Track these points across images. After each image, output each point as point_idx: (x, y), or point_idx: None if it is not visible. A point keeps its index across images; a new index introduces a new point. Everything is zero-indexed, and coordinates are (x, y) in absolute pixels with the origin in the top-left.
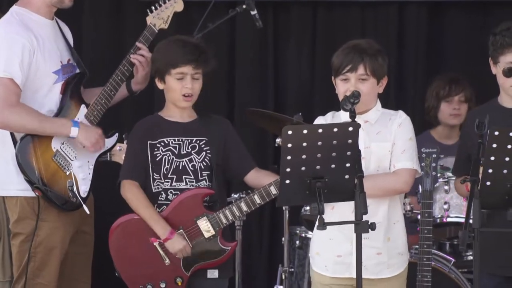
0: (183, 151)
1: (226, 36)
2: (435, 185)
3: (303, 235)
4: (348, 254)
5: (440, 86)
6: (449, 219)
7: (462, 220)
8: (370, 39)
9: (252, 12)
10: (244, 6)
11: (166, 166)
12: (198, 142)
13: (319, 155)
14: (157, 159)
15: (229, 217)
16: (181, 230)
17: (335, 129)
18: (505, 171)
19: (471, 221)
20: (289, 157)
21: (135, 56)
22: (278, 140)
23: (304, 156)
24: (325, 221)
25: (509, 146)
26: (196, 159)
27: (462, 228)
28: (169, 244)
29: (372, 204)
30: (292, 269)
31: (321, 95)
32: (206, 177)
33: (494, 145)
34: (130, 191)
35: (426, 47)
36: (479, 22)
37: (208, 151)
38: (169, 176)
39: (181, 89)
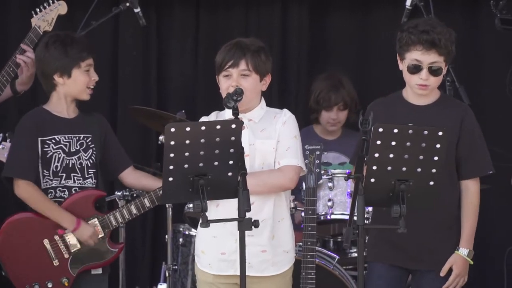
0: (72, 149)
1: (109, 34)
2: (319, 182)
3: (187, 232)
4: (232, 252)
5: (321, 94)
6: (333, 216)
7: (346, 217)
8: (254, 37)
9: (136, 10)
10: (127, 4)
11: (56, 164)
12: (85, 139)
13: (202, 152)
14: (47, 156)
15: (119, 220)
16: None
17: (218, 126)
18: (389, 168)
19: (355, 218)
20: (172, 155)
21: (21, 57)
22: (161, 137)
23: (187, 154)
24: (210, 218)
25: (393, 143)
26: (84, 156)
27: (346, 225)
28: (78, 234)
29: (257, 201)
30: (176, 267)
31: (204, 93)
32: (92, 174)
33: (378, 142)
34: (26, 192)
35: (308, 46)
36: (360, 20)
37: (94, 148)
38: (59, 174)
39: (89, 81)
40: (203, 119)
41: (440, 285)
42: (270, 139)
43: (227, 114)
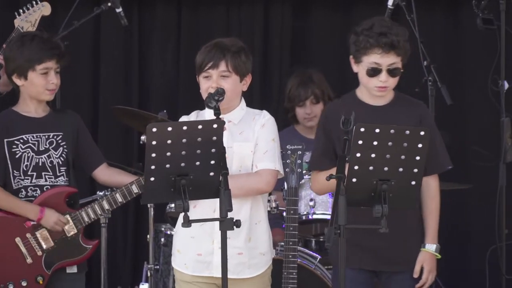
0: (41, 148)
1: (91, 34)
2: (300, 182)
3: (168, 232)
4: (209, 253)
5: (291, 91)
6: (315, 216)
7: (328, 216)
8: (235, 37)
9: (117, 10)
10: (109, 4)
11: (26, 163)
12: (55, 137)
13: (183, 152)
14: (17, 156)
15: (91, 216)
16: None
17: (200, 126)
18: (371, 167)
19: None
20: (153, 155)
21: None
22: (143, 137)
23: (168, 154)
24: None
25: (375, 143)
26: (54, 155)
27: (328, 225)
28: (44, 222)
29: (235, 203)
30: (158, 267)
31: (186, 93)
32: (64, 172)
33: (360, 142)
34: None
35: (290, 45)
36: (342, 20)
37: (65, 146)
38: (29, 173)
39: (46, 84)
40: (183, 118)
41: (411, 283)
42: (248, 141)
43: (207, 113)
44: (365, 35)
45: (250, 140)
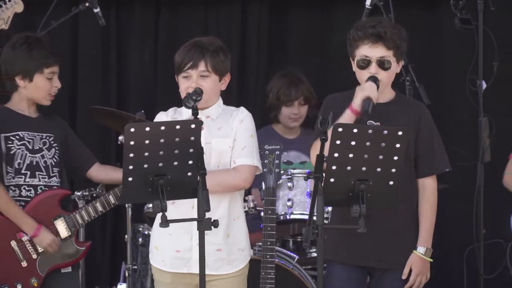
0: (36, 147)
1: (69, 34)
2: (278, 182)
3: (146, 232)
4: (187, 250)
5: (281, 90)
6: (292, 216)
7: (306, 217)
8: (213, 36)
9: (95, 10)
10: (87, 4)
11: (19, 161)
12: (48, 138)
13: (161, 152)
14: (11, 152)
15: (85, 218)
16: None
17: (178, 126)
18: (349, 167)
19: (314, 217)
20: (131, 155)
21: None
22: (121, 137)
23: (146, 154)
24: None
25: (352, 143)
26: (48, 155)
27: (306, 225)
28: (37, 240)
29: (213, 200)
30: (136, 267)
31: (164, 93)
32: (56, 173)
33: (338, 142)
34: None
35: (268, 45)
36: (319, 19)
37: (56, 148)
38: (22, 171)
39: (50, 88)
40: (161, 114)
41: (401, 283)
42: (227, 137)
43: (185, 111)
44: (356, 29)
45: (229, 136)
